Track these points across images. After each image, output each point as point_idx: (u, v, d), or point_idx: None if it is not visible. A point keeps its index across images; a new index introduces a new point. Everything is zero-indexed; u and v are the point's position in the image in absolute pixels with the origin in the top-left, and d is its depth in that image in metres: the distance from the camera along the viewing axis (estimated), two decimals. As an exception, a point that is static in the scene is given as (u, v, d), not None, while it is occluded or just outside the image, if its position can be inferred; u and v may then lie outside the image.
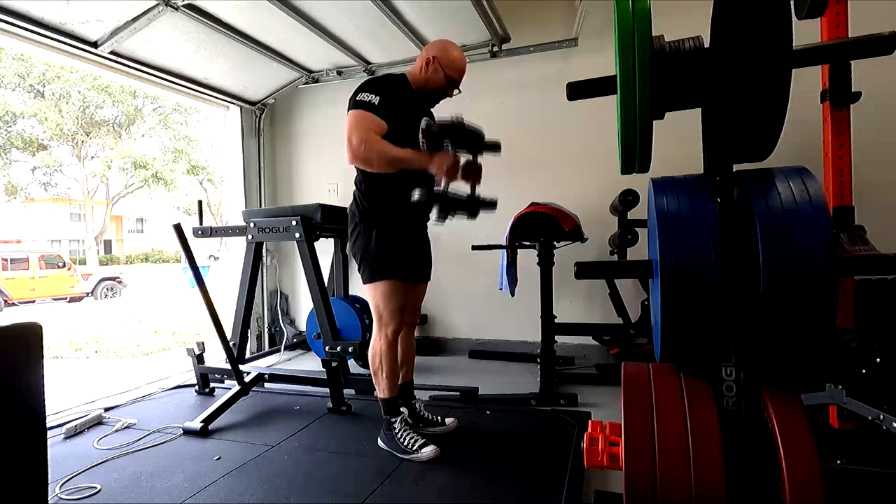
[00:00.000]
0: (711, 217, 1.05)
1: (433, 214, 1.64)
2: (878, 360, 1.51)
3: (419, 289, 2.02)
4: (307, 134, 3.94)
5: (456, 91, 1.90)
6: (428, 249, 2.04)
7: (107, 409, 2.41)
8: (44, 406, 1.04)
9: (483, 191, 1.72)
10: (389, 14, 2.72)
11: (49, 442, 1.11)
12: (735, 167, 1.13)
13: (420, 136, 1.81)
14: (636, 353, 2.81)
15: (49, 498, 1.54)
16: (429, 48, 1.88)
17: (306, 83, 3.69)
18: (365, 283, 1.86)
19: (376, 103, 1.71)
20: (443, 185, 1.64)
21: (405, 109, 1.80)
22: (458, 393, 2.46)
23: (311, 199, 3.67)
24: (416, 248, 1.96)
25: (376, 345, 1.88)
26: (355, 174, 1.89)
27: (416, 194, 1.60)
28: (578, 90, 1.22)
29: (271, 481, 1.68)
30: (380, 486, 1.62)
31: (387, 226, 1.82)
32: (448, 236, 2.74)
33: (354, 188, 1.90)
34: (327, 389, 2.39)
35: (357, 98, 1.74)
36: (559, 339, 2.56)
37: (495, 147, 1.71)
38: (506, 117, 3.34)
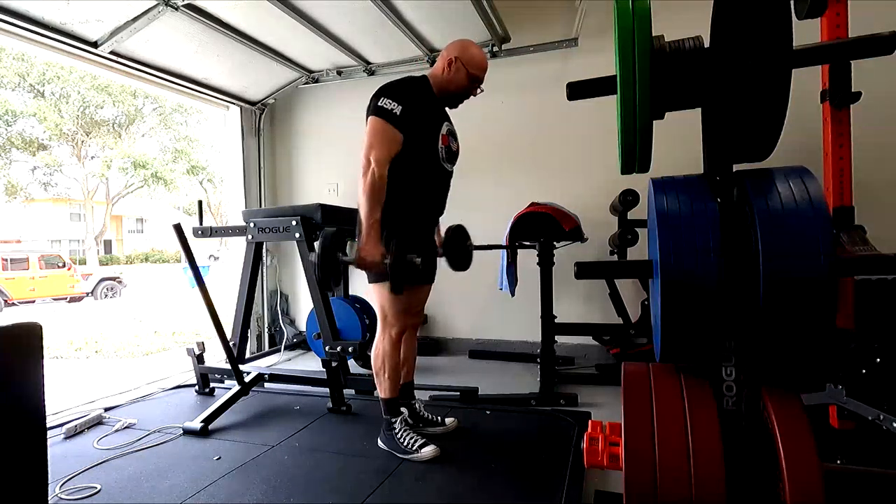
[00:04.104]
0: (711, 217, 1.05)
1: (316, 251, 1.70)
2: (878, 360, 1.51)
3: (423, 290, 2.02)
4: (307, 134, 3.94)
5: (479, 90, 1.90)
6: (434, 252, 2.03)
7: (107, 409, 2.41)
8: (44, 406, 1.04)
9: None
10: (389, 14, 2.72)
11: (49, 442, 1.11)
12: (735, 167, 1.13)
13: (440, 142, 1.83)
14: (636, 353, 2.81)
15: (49, 498, 1.54)
16: (449, 49, 1.87)
17: (306, 83, 3.69)
18: (371, 282, 1.86)
19: (398, 113, 1.70)
20: (350, 257, 1.71)
21: (427, 116, 1.80)
22: (458, 393, 2.46)
23: (311, 199, 3.67)
24: (423, 250, 1.95)
25: (380, 345, 1.88)
26: None
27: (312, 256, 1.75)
28: (578, 90, 1.22)
29: (271, 481, 1.68)
30: (380, 486, 1.62)
31: (395, 227, 1.82)
32: (448, 236, 2.74)
33: None
34: (327, 389, 2.39)
35: (379, 103, 1.72)
36: (559, 339, 2.56)
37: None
38: (506, 117, 3.34)
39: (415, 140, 1.75)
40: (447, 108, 1.94)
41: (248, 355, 3.19)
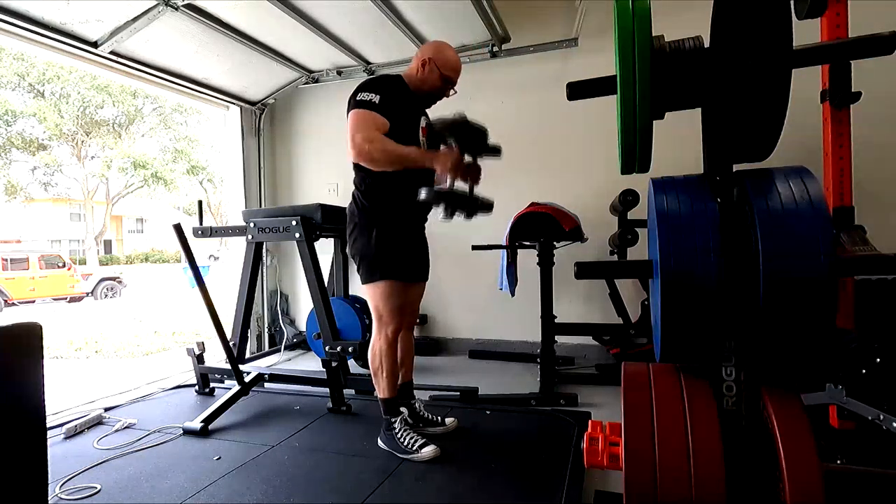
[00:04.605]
0: (711, 217, 1.05)
1: (440, 214, 1.60)
2: (878, 360, 1.51)
3: (417, 288, 2.03)
4: (307, 134, 3.94)
5: (452, 91, 1.91)
6: (425, 249, 2.04)
7: (107, 409, 2.41)
8: (44, 406, 1.04)
9: (481, 193, 1.71)
10: (389, 14, 2.72)
11: (49, 442, 1.11)
12: (735, 167, 1.13)
13: (420, 134, 1.82)
14: (636, 353, 2.81)
15: (49, 498, 1.54)
16: (423, 50, 1.89)
17: (306, 83, 3.69)
18: (364, 283, 1.86)
19: (377, 102, 1.72)
20: (447, 182, 1.63)
21: (404, 109, 1.81)
22: (458, 393, 2.46)
23: (311, 199, 3.67)
24: (415, 248, 1.96)
25: (376, 345, 1.88)
26: (354, 174, 1.89)
27: (423, 193, 1.59)
28: (578, 90, 1.22)
29: (271, 481, 1.68)
30: (380, 486, 1.62)
31: (385, 226, 1.82)
32: (448, 236, 2.74)
33: (354, 188, 1.90)
34: (327, 389, 2.39)
35: (357, 98, 1.75)
36: (559, 339, 2.56)
37: (496, 150, 1.69)
38: (506, 117, 3.34)
39: (394, 133, 1.75)
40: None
41: (248, 355, 3.19)
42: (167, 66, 3.00)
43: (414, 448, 1.80)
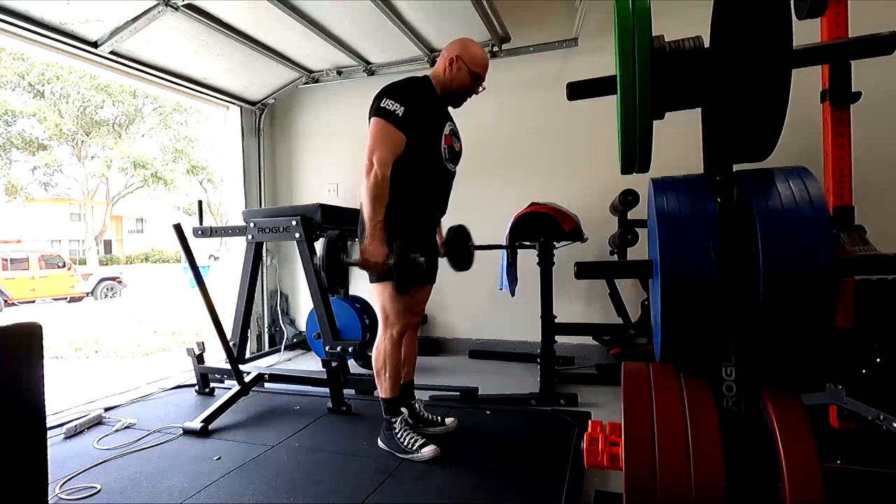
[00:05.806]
0: (711, 217, 1.05)
1: (319, 253, 1.69)
2: (878, 360, 1.51)
3: (424, 290, 2.02)
4: (307, 134, 3.94)
5: (481, 88, 1.90)
6: (436, 252, 2.04)
7: (107, 409, 2.41)
8: (44, 406, 1.04)
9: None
10: (389, 14, 2.73)
11: (49, 442, 1.11)
12: (735, 167, 1.13)
13: (443, 142, 1.83)
14: (636, 353, 2.81)
15: (49, 498, 1.54)
16: (449, 48, 1.88)
17: (306, 83, 3.69)
18: (372, 282, 1.86)
19: (400, 114, 1.70)
20: (353, 259, 1.71)
21: (430, 118, 1.81)
22: (458, 393, 2.46)
23: (311, 199, 3.67)
24: (424, 251, 1.95)
25: (381, 345, 1.88)
26: None
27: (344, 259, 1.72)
28: (578, 90, 1.22)
29: (271, 481, 1.68)
30: (380, 486, 1.62)
31: (395, 228, 1.82)
32: (448, 236, 2.74)
33: None
34: (327, 389, 2.39)
35: (381, 104, 1.72)
36: (559, 339, 2.56)
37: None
38: (506, 117, 3.34)
39: (418, 141, 1.75)
40: (450, 108, 1.94)
41: (248, 355, 3.20)
42: (167, 66, 3.00)
43: (414, 448, 1.80)
